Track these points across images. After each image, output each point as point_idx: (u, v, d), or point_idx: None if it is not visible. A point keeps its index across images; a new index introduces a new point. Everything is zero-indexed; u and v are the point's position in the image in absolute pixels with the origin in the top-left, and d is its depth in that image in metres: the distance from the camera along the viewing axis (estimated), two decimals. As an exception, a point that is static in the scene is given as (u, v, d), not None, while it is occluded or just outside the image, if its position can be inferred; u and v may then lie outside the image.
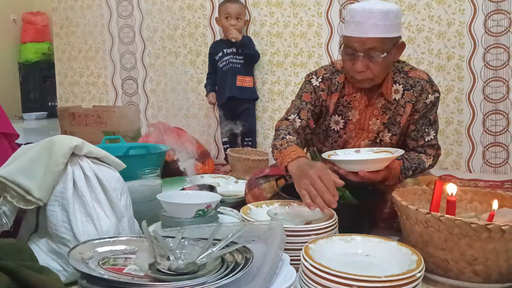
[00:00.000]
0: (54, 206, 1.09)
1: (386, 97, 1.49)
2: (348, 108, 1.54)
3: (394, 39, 1.39)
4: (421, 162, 1.49)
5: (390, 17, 1.34)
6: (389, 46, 1.38)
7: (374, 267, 0.99)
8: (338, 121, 1.57)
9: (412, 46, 2.50)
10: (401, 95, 1.49)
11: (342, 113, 1.55)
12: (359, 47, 1.37)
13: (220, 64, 2.68)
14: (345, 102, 1.54)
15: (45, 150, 1.12)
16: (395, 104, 1.50)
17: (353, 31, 1.37)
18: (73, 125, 2.84)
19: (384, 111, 1.51)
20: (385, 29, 1.35)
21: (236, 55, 2.66)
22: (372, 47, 1.36)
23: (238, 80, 2.67)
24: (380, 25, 1.33)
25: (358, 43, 1.37)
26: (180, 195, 1.34)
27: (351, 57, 1.41)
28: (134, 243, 1.03)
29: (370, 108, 1.52)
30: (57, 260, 1.08)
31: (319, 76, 1.55)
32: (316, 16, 2.68)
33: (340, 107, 1.55)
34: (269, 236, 0.99)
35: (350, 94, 1.53)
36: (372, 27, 1.34)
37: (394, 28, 1.37)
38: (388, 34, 1.36)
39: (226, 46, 2.67)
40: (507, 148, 2.42)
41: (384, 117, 1.52)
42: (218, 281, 0.81)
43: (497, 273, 1.04)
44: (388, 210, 1.45)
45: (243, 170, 2.27)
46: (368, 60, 1.38)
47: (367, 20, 1.33)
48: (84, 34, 3.35)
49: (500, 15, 2.36)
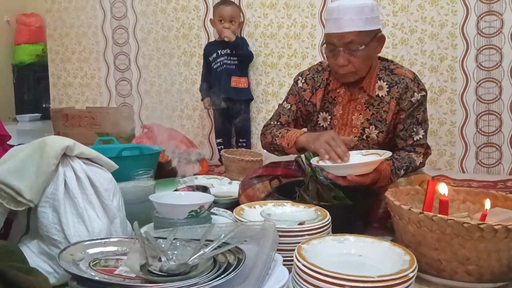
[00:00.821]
0: (45, 207, 1.08)
1: (368, 93, 1.54)
2: (333, 104, 1.60)
3: (372, 32, 1.46)
4: (412, 160, 1.50)
5: (365, 11, 1.42)
6: (367, 39, 1.45)
7: (367, 267, 0.98)
8: (326, 118, 1.62)
9: (405, 47, 2.51)
10: (386, 92, 1.53)
11: (328, 109, 1.61)
12: (338, 42, 1.45)
13: (214, 65, 2.68)
14: (330, 99, 1.61)
15: (37, 151, 1.11)
16: (379, 101, 1.54)
17: (331, 27, 1.45)
18: (67, 127, 2.83)
19: (367, 107, 1.55)
20: (361, 23, 1.42)
21: (230, 56, 2.66)
22: (350, 41, 1.43)
23: (233, 81, 2.67)
24: (355, 19, 1.41)
25: (337, 38, 1.45)
26: (172, 196, 1.33)
27: (332, 53, 1.49)
28: (126, 244, 1.02)
29: (353, 103, 1.57)
30: (48, 262, 1.07)
31: (303, 77, 1.65)
32: (310, 17, 2.68)
33: (326, 103, 1.61)
34: (262, 237, 0.99)
35: (335, 90, 1.59)
36: (348, 22, 1.42)
37: (370, 22, 1.44)
38: (365, 27, 1.43)
39: (220, 48, 2.67)
40: (500, 149, 2.43)
41: (368, 113, 1.55)
42: (210, 282, 0.81)
43: (490, 272, 1.05)
44: (381, 211, 1.45)
45: (237, 171, 2.27)
46: (348, 54, 1.46)
47: (343, 16, 1.42)
48: (78, 36, 3.34)
49: (492, 16, 2.37)
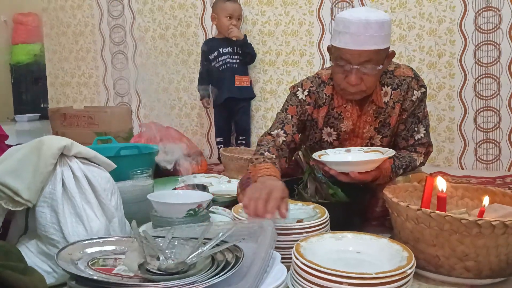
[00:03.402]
0: (43, 207, 1.08)
1: (376, 103, 1.48)
2: (340, 120, 1.51)
3: (387, 50, 1.36)
4: (412, 160, 1.49)
5: (385, 28, 1.29)
6: (383, 57, 1.35)
7: (365, 264, 0.98)
8: (331, 133, 1.54)
9: (403, 43, 2.50)
10: (390, 97, 1.47)
11: (333, 125, 1.52)
12: (354, 60, 1.31)
13: (216, 63, 2.65)
14: (336, 114, 1.51)
15: (34, 151, 1.11)
16: (385, 107, 1.48)
17: (348, 43, 1.30)
18: (65, 126, 2.83)
19: (376, 117, 1.50)
20: (381, 40, 1.29)
21: (232, 54, 2.63)
22: (368, 60, 1.31)
23: (236, 80, 2.65)
24: (376, 36, 1.28)
25: (353, 55, 1.31)
26: (171, 195, 1.33)
27: (343, 70, 1.36)
28: (124, 244, 1.02)
29: (363, 116, 1.50)
30: (47, 262, 1.07)
31: (305, 89, 1.50)
32: (308, 14, 2.68)
33: (331, 119, 1.52)
34: (260, 235, 0.99)
35: (341, 106, 1.49)
36: (368, 39, 1.27)
37: (387, 39, 1.33)
38: (384, 45, 1.31)
39: (222, 45, 2.64)
40: (498, 145, 2.43)
41: (376, 122, 1.51)
42: (208, 280, 0.81)
43: (488, 268, 1.05)
44: (380, 209, 1.45)
45: (236, 170, 2.26)
46: (362, 73, 1.33)
47: (364, 32, 1.27)
48: (75, 35, 3.33)
49: (490, 12, 2.37)
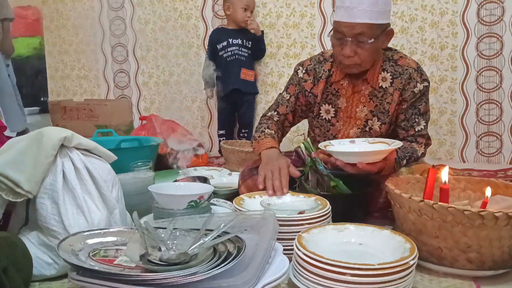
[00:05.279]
0: (44, 198, 1.08)
1: (371, 84, 1.52)
2: (337, 96, 1.57)
3: (383, 26, 1.42)
4: (414, 150, 1.49)
5: (379, 3, 1.37)
6: (377, 32, 1.41)
7: (367, 256, 0.98)
8: (329, 110, 1.59)
9: (405, 36, 2.49)
10: (390, 83, 1.51)
11: (331, 101, 1.58)
12: (348, 32, 1.40)
13: (224, 53, 2.64)
14: (333, 91, 1.57)
15: (34, 142, 1.10)
16: (382, 92, 1.52)
17: (343, 16, 1.40)
18: (65, 119, 2.82)
19: (370, 98, 1.53)
20: (374, 15, 1.37)
21: (242, 47, 2.62)
22: (360, 32, 1.39)
23: (242, 72, 2.64)
24: (369, 11, 1.36)
25: (347, 28, 1.40)
26: (172, 187, 1.33)
27: (340, 42, 1.44)
28: (125, 235, 1.02)
29: (357, 95, 1.54)
30: (48, 253, 1.06)
31: (304, 67, 1.60)
32: (309, 6, 2.66)
33: (329, 95, 1.58)
34: (262, 226, 0.99)
35: (337, 81, 1.56)
36: (361, 12, 1.37)
37: (383, 15, 1.40)
38: (377, 20, 1.39)
39: (232, 36, 2.63)
40: (500, 138, 2.43)
41: (371, 105, 1.54)
42: (210, 271, 0.80)
43: (491, 260, 1.04)
44: (382, 200, 1.44)
45: (236, 162, 2.26)
46: (356, 46, 1.41)
47: (357, 6, 1.36)
48: (74, 27, 3.31)
49: (493, 4, 2.35)
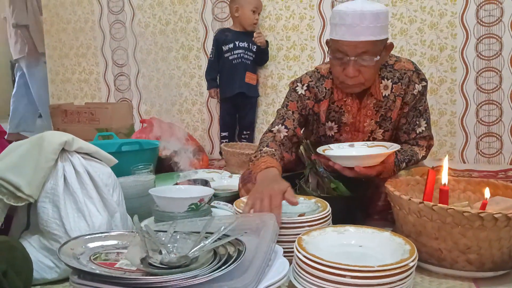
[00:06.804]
0: (45, 202, 1.08)
1: (375, 97, 1.47)
2: (340, 113, 1.51)
3: (384, 41, 1.35)
4: (414, 153, 1.49)
5: (381, 18, 1.29)
6: (380, 48, 1.34)
7: (367, 258, 0.99)
8: (332, 127, 1.54)
9: (404, 37, 2.49)
10: (390, 90, 1.47)
11: (335, 118, 1.53)
12: (351, 51, 1.32)
13: (229, 56, 2.64)
14: (336, 108, 1.51)
15: (35, 146, 1.11)
16: (386, 101, 1.48)
17: (344, 34, 1.31)
18: (66, 123, 2.83)
19: (376, 110, 1.49)
20: (377, 31, 1.30)
21: (248, 50, 2.64)
22: (365, 51, 1.31)
23: (247, 76, 2.65)
24: (372, 27, 1.28)
25: (350, 47, 1.31)
26: (172, 190, 1.33)
27: (341, 62, 1.36)
28: (126, 238, 1.02)
29: (363, 110, 1.49)
30: (49, 257, 1.07)
31: (304, 84, 1.51)
32: (308, 8, 2.67)
33: (332, 113, 1.52)
34: (262, 228, 0.99)
35: (341, 99, 1.49)
36: (364, 29, 1.28)
37: (384, 30, 1.33)
38: (380, 36, 1.31)
39: (239, 39, 2.64)
40: (500, 138, 2.43)
41: (377, 116, 1.50)
42: (211, 274, 0.81)
43: (491, 261, 1.05)
44: (382, 203, 1.45)
45: (237, 165, 2.26)
46: (359, 65, 1.33)
47: (360, 23, 1.28)
48: (75, 31, 3.32)
49: (492, 5, 2.35)
